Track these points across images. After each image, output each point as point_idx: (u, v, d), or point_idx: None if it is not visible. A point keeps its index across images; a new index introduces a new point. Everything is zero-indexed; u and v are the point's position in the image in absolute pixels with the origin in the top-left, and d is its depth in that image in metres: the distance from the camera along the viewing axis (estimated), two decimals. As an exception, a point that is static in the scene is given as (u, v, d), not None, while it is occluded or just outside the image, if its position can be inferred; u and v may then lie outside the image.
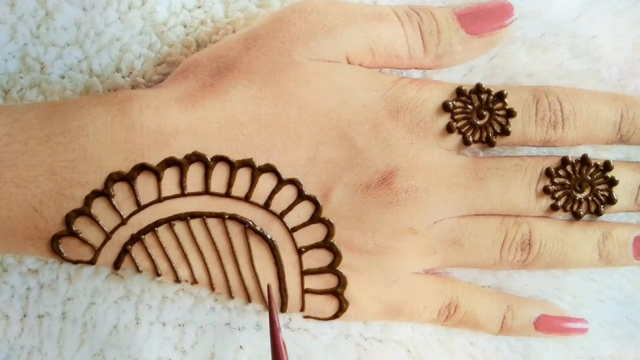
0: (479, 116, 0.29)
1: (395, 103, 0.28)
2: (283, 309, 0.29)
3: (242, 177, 0.27)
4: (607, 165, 0.29)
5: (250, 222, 0.27)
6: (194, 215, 0.27)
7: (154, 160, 0.26)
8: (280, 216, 0.27)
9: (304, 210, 0.28)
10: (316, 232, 0.28)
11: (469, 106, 0.28)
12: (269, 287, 0.28)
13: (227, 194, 0.27)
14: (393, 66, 0.29)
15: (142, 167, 0.26)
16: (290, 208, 0.27)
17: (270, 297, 0.27)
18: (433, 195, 0.28)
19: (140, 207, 0.26)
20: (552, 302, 0.31)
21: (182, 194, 0.27)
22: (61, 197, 0.26)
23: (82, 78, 0.29)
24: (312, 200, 0.27)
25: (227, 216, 0.27)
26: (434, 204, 0.28)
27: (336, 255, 0.28)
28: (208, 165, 0.26)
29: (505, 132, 0.28)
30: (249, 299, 0.28)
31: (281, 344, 0.25)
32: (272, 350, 0.25)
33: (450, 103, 0.28)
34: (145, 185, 0.26)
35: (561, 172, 0.29)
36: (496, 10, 0.28)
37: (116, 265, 0.27)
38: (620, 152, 0.30)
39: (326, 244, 0.28)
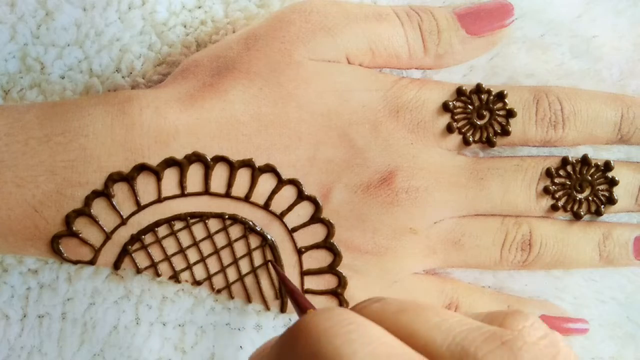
0: (479, 116, 0.29)
1: (395, 103, 0.28)
2: (283, 309, 0.29)
3: (242, 177, 0.27)
4: (608, 166, 0.29)
5: (250, 223, 0.27)
6: (194, 215, 0.27)
7: (154, 161, 0.26)
8: (280, 216, 0.27)
9: (304, 211, 0.28)
10: (316, 233, 0.28)
11: (469, 106, 0.28)
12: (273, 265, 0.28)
13: (227, 194, 0.27)
14: (393, 66, 0.29)
15: (142, 167, 0.26)
16: (290, 208, 0.27)
17: (277, 271, 0.27)
18: (433, 196, 0.28)
19: (140, 207, 0.26)
20: (552, 302, 0.31)
21: (182, 194, 0.27)
22: (61, 197, 0.26)
23: (82, 78, 0.29)
24: (312, 200, 0.27)
25: (227, 216, 0.27)
26: (434, 204, 0.28)
27: (336, 256, 0.28)
28: (208, 166, 0.26)
29: (505, 132, 0.28)
30: (249, 299, 0.28)
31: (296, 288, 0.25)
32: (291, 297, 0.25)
33: (450, 103, 0.28)
34: (145, 186, 0.26)
35: (561, 172, 0.29)
36: (496, 10, 0.28)
37: (116, 265, 0.27)
38: (621, 152, 0.30)
39: (326, 244, 0.28)
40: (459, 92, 0.28)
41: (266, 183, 0.27)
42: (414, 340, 0.18)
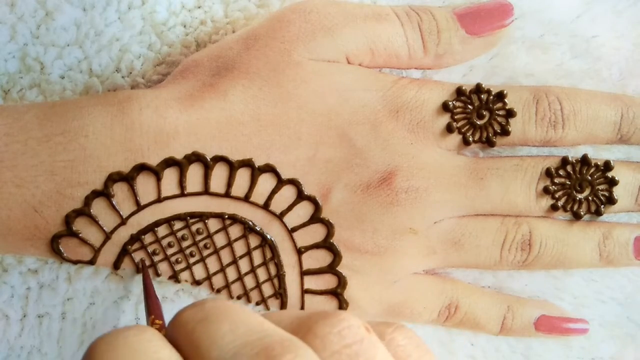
0: (479, 116, 0.29)
1: (395, 103, 0.28)
2: (282, 308, 0.29)
3: (242, 177, 0.27)
4: (608, 165, 0.29)
5: (250, 222, 0.27)
6: (193, 215, 0.27)
7: (153, 160, 0.26)
8: (280, 216, 0.27)
9: (303, 211, 0.28)
10: (316, 232, 0.28)
11: (469, 106, 0.28)
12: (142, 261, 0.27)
13: (227, 194, 0.27)
14: (393, 66, 0.29)
15: (141, 167, 0.26)
16: (290, 208, 0.27)
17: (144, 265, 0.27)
18: (433, 196, 0.28)
19: (140, 207, 0.26)
20: (552, 302, 0.31)
21: (182, 194, 0.27)
22: (61, 197, 0.26)
23: (82, 78, 0.29)
24: (312, 200, 0.27)
25: (226, 216, 0.27)
26: (434, 204, 0.28)
27: (336, 256, 0.28)
28: (208, 165, 0.26)
29: (505, 132, 0.28)
30: (248, 299, 0.28)
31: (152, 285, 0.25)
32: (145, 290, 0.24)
33: (450, 103, 0.28)
34: (145, 185, 0.26)
35: (561, 172, 0.29)
36: (496, 10, 0.28)
37: (116, 265, 0.27)
38: (620, 152, 0.30)
39: (326, 244, 0.28)
40: (459, 92, 0.28)
41: (266, 183, 0.27)
42: (195, 357, 0.16)
